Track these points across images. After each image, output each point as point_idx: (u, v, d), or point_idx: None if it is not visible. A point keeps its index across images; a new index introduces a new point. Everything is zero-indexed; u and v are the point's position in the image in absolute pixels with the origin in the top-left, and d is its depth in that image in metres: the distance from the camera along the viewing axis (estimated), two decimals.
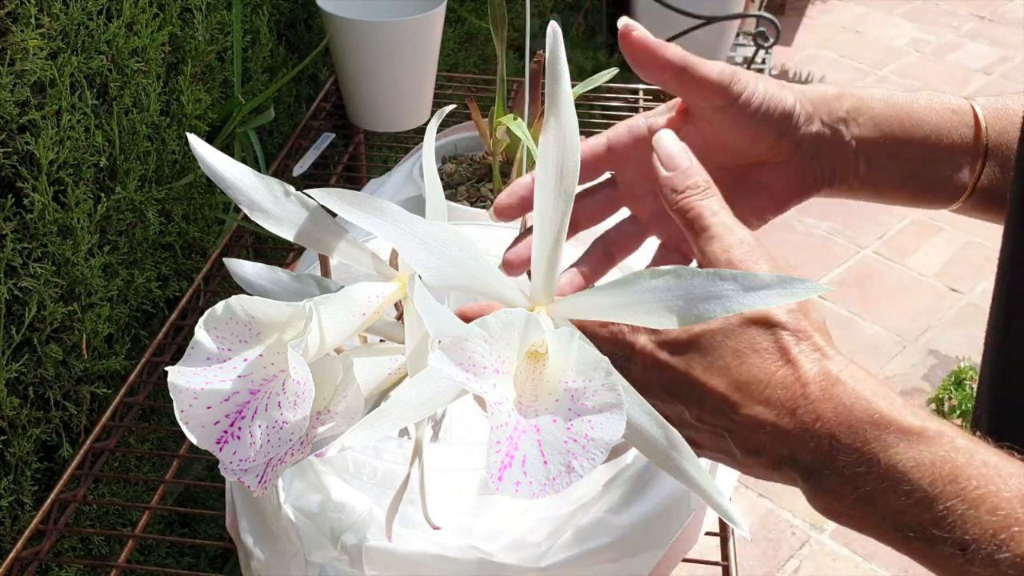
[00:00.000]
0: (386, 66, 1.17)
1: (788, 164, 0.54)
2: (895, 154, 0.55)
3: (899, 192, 0.56)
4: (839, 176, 0.55)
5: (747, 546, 1.76)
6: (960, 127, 0.55)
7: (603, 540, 0.59)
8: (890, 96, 0.55)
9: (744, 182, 0.54)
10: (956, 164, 0.55)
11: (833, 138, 0.54)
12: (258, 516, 0.64)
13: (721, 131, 0.53)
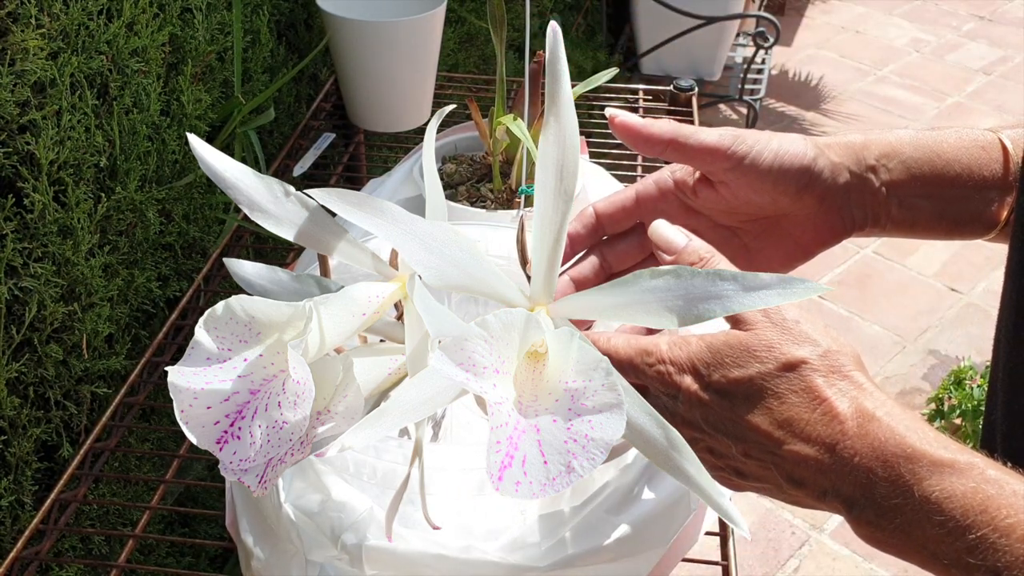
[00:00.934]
0: (386, 66, 1.17)
1: (815, 216, 0.54)
2: (927, 195, 0.55)
3: (934, 229, 0.56)
4: (871, 220, 0.55)
5: (747, 546, 1.76)
6: (990, 163, 0.56)
7: (603, 540, 0.59)
8: (918, 138, 0.56)
9: (772, 233, 0.55)
10: (988, 199, 0.56)
11: (862, 187, 0.54)
12: (258, 516, 0.64)
13: (739, 191, 0.53)
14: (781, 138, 0.53)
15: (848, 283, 2.41)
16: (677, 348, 0.46)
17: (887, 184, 0.55)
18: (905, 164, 0.55)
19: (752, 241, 0.55)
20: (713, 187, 0.54)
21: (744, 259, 0.55)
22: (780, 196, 0.53)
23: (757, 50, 2.46)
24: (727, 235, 0.56)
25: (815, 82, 3.23)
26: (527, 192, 0.92)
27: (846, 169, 0.54)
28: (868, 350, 2.21)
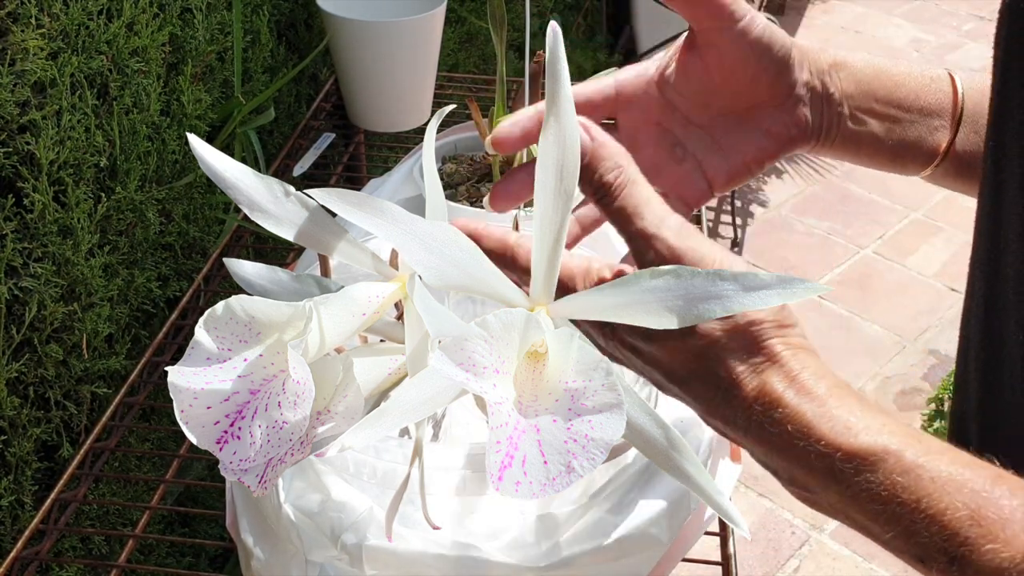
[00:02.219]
0: (386, 66, 1.17)
1: (784, 107, 0.54)
2: (873, 112, 0.56)
3: (879, 152, 0.57)
4: (825, 128, 0.55)
5: (747, 546, 1.76)
6: (937, 93, 0.57)
7: (603, 540, 0.59)
8: (868, 58, 0.56)
9: (745, 125, 0.55)
10: (932, 127, 0.56)
11: (822, 89, 0.55)
12: (258, 516, 0.64)
13: (726, 62, 0.53)
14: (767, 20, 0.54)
15: (848, 283, 2.41)
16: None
17: (839, 92, 0.55)
18: (854, 76, 0.55)
19: (724, 137, 0.55)
20: (700, 56, 0.53)
21: (718, 156, 0.55)
22: (762, 73, 0.53)
23: None
24: (699, 133, 0.55)
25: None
26: None
27: (807, 67, 0.54)
28: (868, 350, 2.21)
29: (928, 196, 2.74)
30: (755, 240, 2.55)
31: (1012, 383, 0.49)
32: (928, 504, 0.38)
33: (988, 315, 0.50)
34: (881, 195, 2.75)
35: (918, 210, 2.68)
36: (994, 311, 0.49)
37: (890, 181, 2.83)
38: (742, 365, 0.42)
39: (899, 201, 2.72)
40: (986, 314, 0.50)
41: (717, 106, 0.54)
